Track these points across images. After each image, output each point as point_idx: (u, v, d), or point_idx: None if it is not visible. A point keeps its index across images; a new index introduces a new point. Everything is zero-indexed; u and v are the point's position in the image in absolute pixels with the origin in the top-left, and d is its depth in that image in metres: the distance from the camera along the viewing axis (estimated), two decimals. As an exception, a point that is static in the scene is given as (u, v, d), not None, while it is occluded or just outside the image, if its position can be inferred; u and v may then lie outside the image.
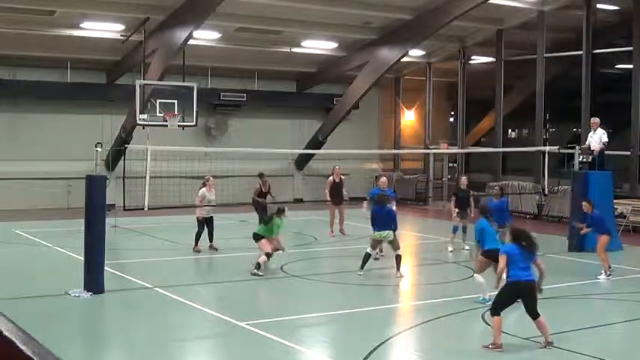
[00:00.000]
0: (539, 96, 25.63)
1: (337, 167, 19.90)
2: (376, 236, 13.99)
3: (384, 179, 17.66)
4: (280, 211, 14.78)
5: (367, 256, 14.02)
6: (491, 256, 11.50)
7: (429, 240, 20.04)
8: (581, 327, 10.64)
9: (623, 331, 10.92)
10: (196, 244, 16.84)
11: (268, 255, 14.25)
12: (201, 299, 11.94)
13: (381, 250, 15.69)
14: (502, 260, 9.37)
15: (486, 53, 28.44)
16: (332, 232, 19.44)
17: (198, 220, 16.74)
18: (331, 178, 19.75)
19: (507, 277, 9.36)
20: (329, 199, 19.37)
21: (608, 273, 13.89)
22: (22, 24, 21.88)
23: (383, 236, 13.93)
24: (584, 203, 14.62)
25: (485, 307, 11.33)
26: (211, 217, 16.80)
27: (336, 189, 19.49)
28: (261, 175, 19.38)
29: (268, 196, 19.10)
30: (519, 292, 9.29)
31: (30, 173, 23.99)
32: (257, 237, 14.57)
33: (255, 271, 13.96)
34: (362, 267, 13.93)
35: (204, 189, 16.63)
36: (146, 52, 22.25)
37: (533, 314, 9.23)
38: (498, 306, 9.33)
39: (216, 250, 16.90)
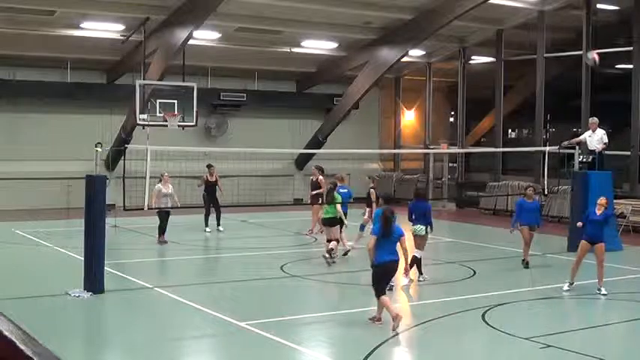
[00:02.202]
0: (539, 96, 25.62)
1: (313, 168, 20.54)
2: (412, 230, 13.67)
3: (338, 175, 17.27)
4: (335, 185, 15.53)
5: (417, 260, 13.54)
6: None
7: (428, 240, 20.01)
8: (581, 327, 10.64)
9: (623, 331, 10.92)
10: (161, 235, 17.76)
11: (338, 241, 15.14)
12: (201, 299, 11.94)
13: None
14: (372, 240, 10.29)
15: (486, 53, 28.44)
16: (312, 230, 19.65)
17: (158, 214, 17.40)
18: (311, 177, 20.25)
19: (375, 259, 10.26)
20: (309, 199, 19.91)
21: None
22: (22, 24, 21.88)
23: (415, 231, 13.63)
24: (604, 200, 13.09)
25: (486, 307, 11.35)
26: (169, 211, 17.48)
27: (313, 189, 19.82)
28: (209, 166, 20.12)
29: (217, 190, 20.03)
30: (387, 271, 10.34)
31: (30, 173, 23.99)
32: (330, 222, 14.98)
33: (328, 256, 14.81)
34: (420, 272, 13.56)
35: (159, 184, 17.37)
36: (146, 52, 22.25)
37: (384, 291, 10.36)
38: (379, 288, 10.30)
39: (166, 242, 17.75)
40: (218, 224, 20.05)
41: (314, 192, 19.44)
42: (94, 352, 9.67)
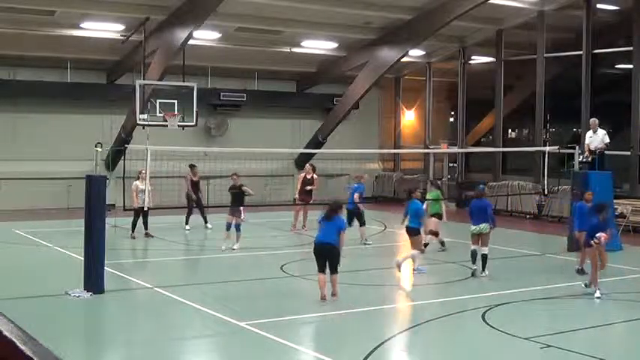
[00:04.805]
0: (539, 96, 25.62)
1: (308, 165, 21.00)
2: (473, 231, 14.03)
3: (366, 175, 20.10)
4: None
5: (474, 253, 14.10)
6: (408, 232, 13.96)
7: (428, 240, 20.00)
8: (581, 327, 10.64)
9: (623, 331, 10.92)
10: (133, 231, 18.17)
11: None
12: (201, 299, 11.94)
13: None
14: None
15: (486, 53, 28.44)
16: (295, 227, 20.35)
17: (135, 210, 17.51)
18: (302, 174, 20.88)
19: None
20: (297, 193, 20.56)
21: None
22: (22, 24, 21.88)
23: (478, 230, 13.95)
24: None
25: (486, 307, 11.36)
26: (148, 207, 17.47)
27: (304, 184, 20.33)
28: (192, 166, 20.41)
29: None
30: (319, 251, 11.62)
31: (30, 173, 23.99)
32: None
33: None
34: (473, 262, 14.10)
35: (137, 181, 17.55)
36: (146, 52, 22.24)
37: (332, 270, 11.62)
38: (317, 265, 11.69)
39: (152, 236, 18.40)
40: (205, 222, 20.38)
41: (308, 187, 20.01)
42: (94, 352, 9.67)
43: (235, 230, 16.76)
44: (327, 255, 11.65)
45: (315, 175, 20.40)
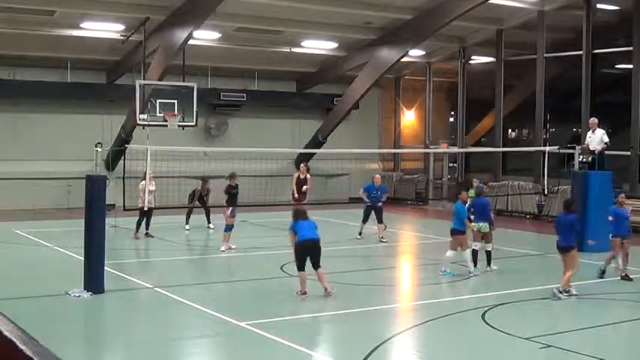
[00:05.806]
0: (539, 96, 25.61)
1: (302, 165, 21.09)
2: (474, 227, 14.34)
3: (377, 176, 19.86)
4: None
5: (474, 253, 14.28)
6: (450, 233, 14.15)
7: (429, 240, 20.04)
8: (581, 327, 10.64)
9: (623, 331, 10.92)
10: (137, 231, 18.32)
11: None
12: (201, 299, 11.94)
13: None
14: (290, 235, 12.15)
15: (486, 53, 28.43)
16: None
17: (140, 210, 17.28)
18: (297, 174, 20.86)
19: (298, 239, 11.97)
20: (295, 193, 20.37)
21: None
22: (22, 24, 21.88)
23: (479, 227, 14.34)
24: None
25: (486, 307, 11.36)
26: (151, 207, 17.62)
27: (299, 185, 20.31)
28: (204, 181, 20.44)
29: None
30: (307, 249, 11.79)
31: (30, 173, 23.99)
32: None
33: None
34: (475, 265, 14.23)
35: (144, 181, 17.41)
36: (146, 52, 22.24)
37: (317, 265, 11.88)
38: (298, 262, 11.90)
39: (153, 237, 18.52)
40: (208, 222, 20.51)
41: (305, 188, 20.01)
42: (94, 352, 9.67)
43: (228, 230, 16.84)
44: (315, 250, 11.86)
45: (308, 175, 20.36)
